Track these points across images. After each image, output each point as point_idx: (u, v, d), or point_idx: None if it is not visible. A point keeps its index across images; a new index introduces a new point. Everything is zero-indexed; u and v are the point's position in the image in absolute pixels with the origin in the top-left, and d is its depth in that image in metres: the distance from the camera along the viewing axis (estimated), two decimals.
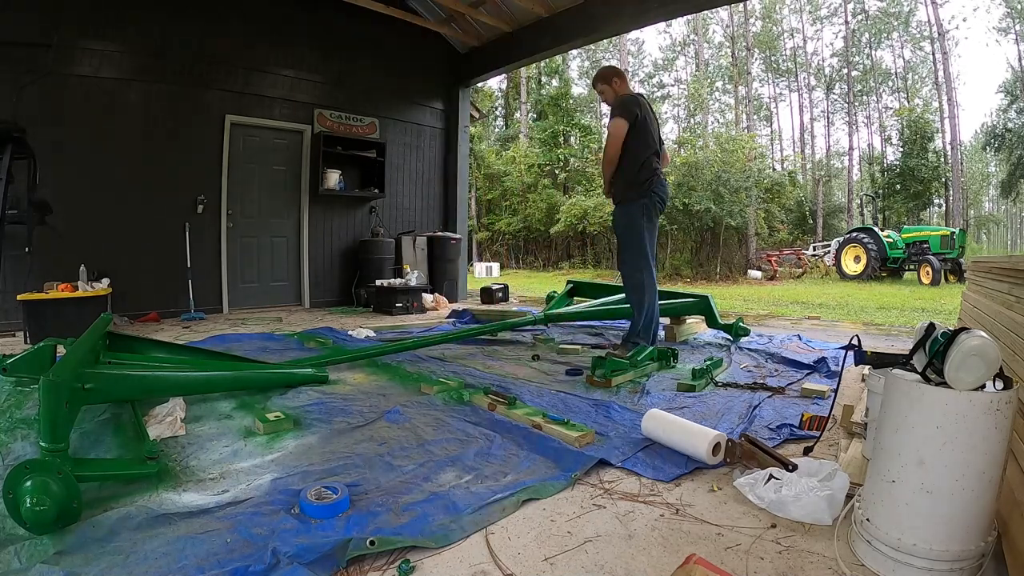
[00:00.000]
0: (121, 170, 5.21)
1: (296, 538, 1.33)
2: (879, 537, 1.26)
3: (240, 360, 2.96)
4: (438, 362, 3.48)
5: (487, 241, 21.43)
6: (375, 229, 6.89)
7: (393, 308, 5.90)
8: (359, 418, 2.32)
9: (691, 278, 13.48)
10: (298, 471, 1.76)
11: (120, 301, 4.94)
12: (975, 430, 1.17)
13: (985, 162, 32.14)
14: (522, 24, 6.76)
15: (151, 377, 2.36)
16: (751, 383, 2.91)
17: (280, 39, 6.17)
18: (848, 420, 2.21)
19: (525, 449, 1.98)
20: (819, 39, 29.94)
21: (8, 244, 3.81)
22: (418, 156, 7.64)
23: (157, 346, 3.02)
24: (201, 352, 3.10)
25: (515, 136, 24.69)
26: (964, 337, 1.21)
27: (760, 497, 1.59)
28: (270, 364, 2.97)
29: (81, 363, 1.97)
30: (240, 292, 6.19)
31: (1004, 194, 25.46)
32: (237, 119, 5.93)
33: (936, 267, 11.45)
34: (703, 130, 20.86)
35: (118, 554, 1.27)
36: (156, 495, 1.58)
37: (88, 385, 1.88)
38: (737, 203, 13.35)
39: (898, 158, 22.55)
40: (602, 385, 2.83)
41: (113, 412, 2.30)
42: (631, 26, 6.43)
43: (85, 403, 1.94)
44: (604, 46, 28.28)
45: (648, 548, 1.37)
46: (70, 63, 4.91)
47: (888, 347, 3.79)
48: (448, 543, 1.36)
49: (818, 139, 34.60)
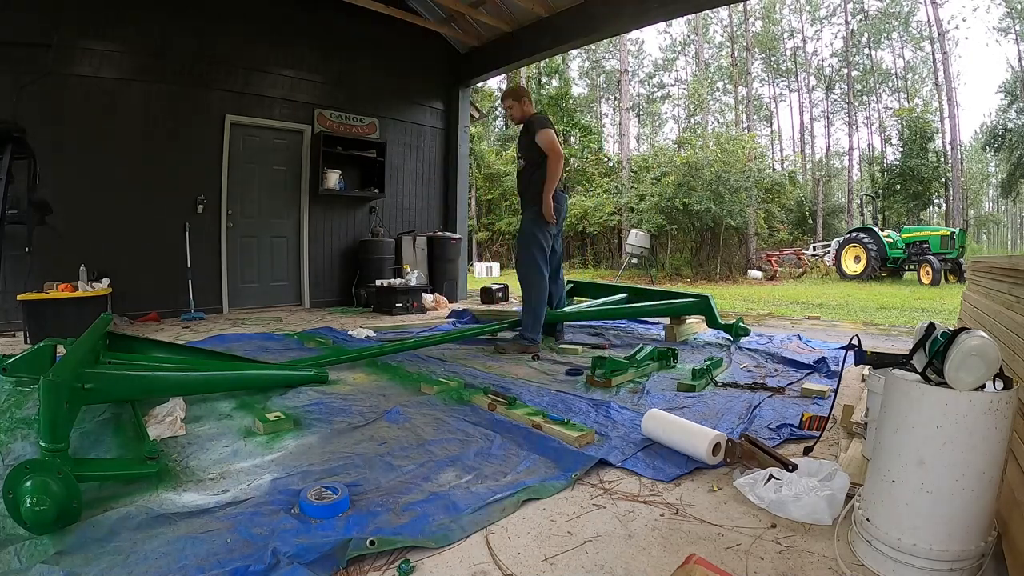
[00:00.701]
0: (121, 170, 5.21)
1: (296, 538, 1.33)
2: (879, 537, 1.26)
3: (240, 360, 2.96)
4: (438, 362, 3.48)
5: (487, 241, 21.44)
6: (375, 229, 6.89)
7: (393, 308, 5.91)
8: (359, 418, 2.32)
9: (691, 278, 13.48)
10: (298, 471, 1.76)
11: (120, 301, 4.94)
12: (975, 430, 1.17)
13: (985, 162, 32.14)
14: (522, 24, 6.76)
15: (151, 377, 2.35)
16: (751, 383, 2.91)
17: (280, 39, 6.18)
18: (848, 420, 2.21)
19: (525, 449, 1.98)
20: (819, 39, 29.97)
21: (8, 244, 3.81)
22: (418, 156, 7.64)
23: (157, 346, 3.02)
24: (201, 352, 3.10)
25: (515, 136, 24.62)
26: (964, 337, 1.21)
27: (760, 497, 1.58)
28: (270, 364, 2.97)
29: (81, 363, 1.97)
30: (240, 292, 6.19)
31: (1004, 194, 25.46)
32: (237, 119, 5.93)
33: (936, 267, 11.45)
34: (703, 130, 20.84)
35: (118, 554, 1.27)
36: (156, 495, 1.58)
37: (88, 385, 1.88)
38: (737, 203, 13.35)
39: (898, 158, 22.55)
40: (602, 385, 2.83)
41: (113, 412, 2.30)
42: (631, 26, 6.43)
43: (85, 403, 1.94)
44: (604, 46, 28.31)
45: (648, 548, 1.37)
46: (70, 63, 4.91)
47: (888, 347, 3.79)
48: (448, 543, 1.36)
49: (818, 139, 34.61)
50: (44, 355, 2.59)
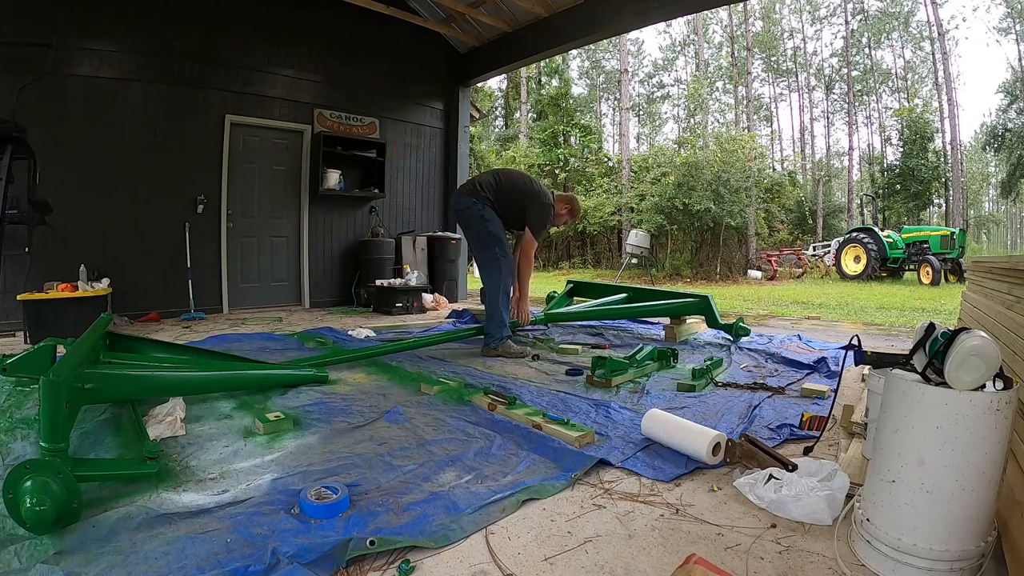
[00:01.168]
0: (121, 170, 5.21)
1: (296, 538, 1.33)
2: (879, 537, 1.26)
3: (240, 360, 2.96)
4: (438, 362, 3.48)
5: None
6: (375, 229, 6.89)
7: (393, 308, 5.91)
8: (359, 418, 2.32)
9: (691, 278, 13.48)
10: (298, 471, 1.76)
11: (120, 301, 4.95)
12: (975, 430, 1.17)
13: (985, 162, 32.14)
14: (522, 24, 6.76)
15: (151, 377, 2.36)
16: (751, 383, 2.91)
17: (280, 39, 6.17)
18: (848, 420, 2.21)
19: (525, 449, 1.98)
20: (819, 39, 29.97)
21: (8, 244, 3.80)
22: (418, 156, 7.64)
23: (157, 346, 3.02)
24: (202, 352, 3.10)
25: (515, 136, 24.68)
26: (964, 337, 1.21)
27: (760, 497, 1.58)
28: (269, 364, 2.97)
29: (81, 363, 1.97)
30: (240, 292, 6.19)
31: (1004, 194, 25.47)
32: (237, 119, 5.93)
33: (936, 267, 11.45)
34: (703, 130, 20.81)
35: (118, 554, 1.27)
36: (156, 495, 1.58)
37: (88, 385, 1.88)
38: (737, 203, 13.35)
39: (898, 158, 22.56)
40: (602, 385, 2.83)
41: (113, 412, 2.30)
42: (631, 26, 6.43)
43: (85, 403, 1.94)
44: (604, 46, 28.33)
45: (648, 548, 1.37)
46: (70, 63, 4.90)
47: (888, 347, 3.79)
48: (448, 543, 1.36)
49: (818, 139, 34.71)
50: (44, 355, 2.59)
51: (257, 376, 2.74)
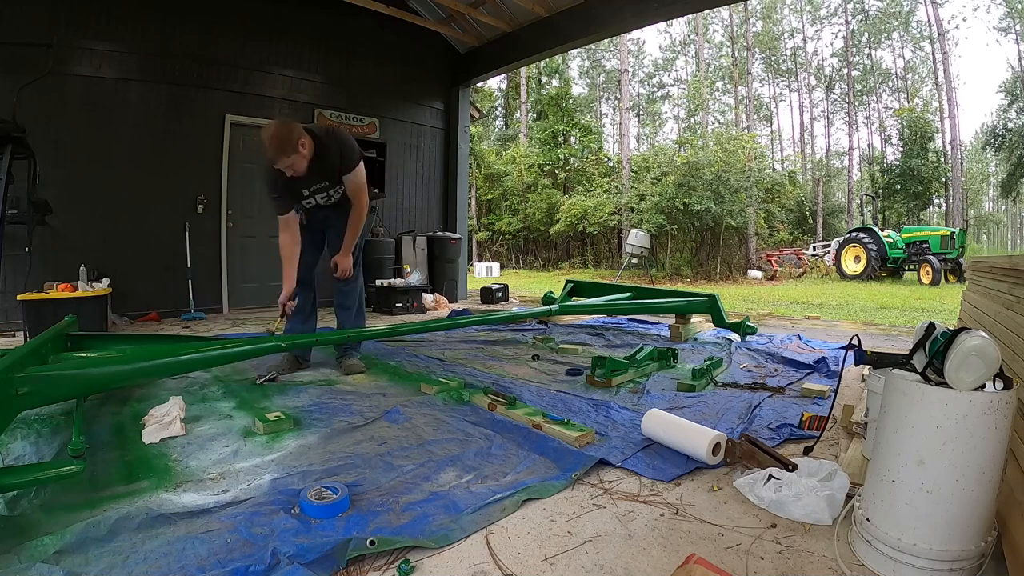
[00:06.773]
0: (121, 170, 5.21)
1: (296, 538, 1.33)
2: (879, 537, 1.26)
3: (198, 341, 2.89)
4: (438, 362, 3.49)
5: (487, 241, 21.43)
6: (375, 229, 6.88)
7: (393, 308, 5.91)
8: (359, 418, 2.32)
9: (691, 278, 13.48)
10: (298, 471, 1.76)
11: (120, 301, 4.94)
12: (975, 430, 1.17)
13: (985, 162, 32.12)
14: (522, 24, 6.76)
15: (93, 373, 2.18)
16: (751, 383, 2.91)
17: (280, 39, 6.17)
18: (848, 420, 2.21)
19: (525, 449, 1.98)
20: (819, 39, 29.95)
21: (8, 244, 3.80)
22: (418, 156, 7.64)
23: (121, 340, 2.96)
24: (166, 339, 3.04)
25: (515, 136, 24.69)
26: (964, 337, 1.21)
27: (760, 497, 1.58)
28: (226, 341, 2.87)
29: (12, 368, 1.82)
30: (240, 292, 6.19)
31: (1004, 194, 25.42)
32: (237, 119, 5.92)
33: (936, 267, 11.45)
34: (703, 130, 20.82)
35: (118, 554, 1.27)
36: (156, 495, 1.58)
37: (23, 390, 1.78)
38: (737, 203, 13.35)
39: (898, 158, 22.57)
40: (602, 385, 2.83)
41: (113, 412, 2.31)
42: (631, 26, 6.43)
43: (22, 408, 1.85)
44: (604, 46, 28.33)
45: (648, 548, 1.37)
46: (70, 63, 4.90)
47: (888, 347, 3.79)
48: (448, 543, 1.36)
49: (818, 139, 34.66)
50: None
51: (209, 357, 2.49)
